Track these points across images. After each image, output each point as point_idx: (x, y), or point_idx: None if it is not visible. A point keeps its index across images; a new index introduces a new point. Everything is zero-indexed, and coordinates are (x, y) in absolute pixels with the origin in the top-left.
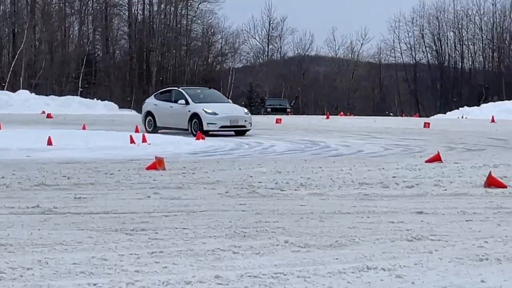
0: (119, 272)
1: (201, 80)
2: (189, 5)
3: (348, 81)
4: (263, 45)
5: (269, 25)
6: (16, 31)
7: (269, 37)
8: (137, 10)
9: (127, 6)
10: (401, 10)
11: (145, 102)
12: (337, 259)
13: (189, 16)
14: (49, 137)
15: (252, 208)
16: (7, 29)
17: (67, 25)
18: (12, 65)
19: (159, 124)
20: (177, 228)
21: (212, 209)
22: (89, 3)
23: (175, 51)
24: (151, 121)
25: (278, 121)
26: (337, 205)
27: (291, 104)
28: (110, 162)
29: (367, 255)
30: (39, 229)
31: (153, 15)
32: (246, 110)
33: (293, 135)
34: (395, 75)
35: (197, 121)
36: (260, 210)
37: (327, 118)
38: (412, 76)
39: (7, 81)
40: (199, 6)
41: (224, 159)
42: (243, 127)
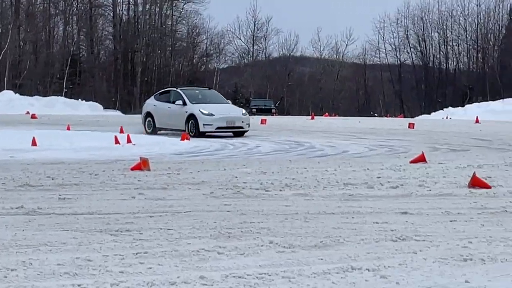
0: (103, 272)
1: (186, 80)
2: (174, 5)
3: (333, 81)
4: (248, 46)
5: (254, 26)
6: (0, 31)
7: (254, 37)
8: (121, 10)
9: (112, 6)
10: (385, 10)
11: (145, 102)
12: (321, 259)
13: (174, 16)
14: (34, 138)
15: (237, 208)
16: None
17: (51, 26)
18: None
19: (158, 125)
20: (161, 228)
21: (197, 210)
22: (74, 3)
23: (160, 51)
24: (150, 122)
25: (263, 122)
26: (322, 206)
27: (276, 104)
28: (94, 162)
29: (352, 256)
30: (23, 230)
31: (138, 15)
32: (244, 111)
33: (278, 135)
34: (379, 76)
35: (193, 122)
36: (245, 210)
37: (312, 118)
38: (396, 76)
39: None
40: (184, 6)
41: (209, 159)
42: (241, 128)
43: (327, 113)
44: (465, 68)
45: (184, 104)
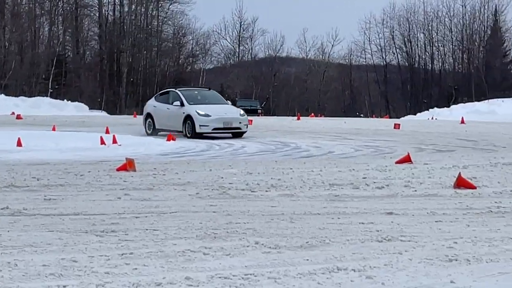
0: (89, 273)
1: (172, 81)
2: (159, 6)
3: (319, 82)
4: (234, 46)
5: (240, 26)
6: None
7: (240, 38)
8: (107, 11)
9: (98, 7)
10: (371, 11)
11: (146, 103)
12: (307, 260)
13: (160, 17)
14: (19, 138)
15: (222, 209)
16: None
17: (37, 26)
18: None
19: (157, 126)
20: (147, 229)
21: (182, 210)
22: (59, 3)
23: (145, 52)
24: (151, 123)
25: (249, 122)
26: (308, 206)
27: (262, 105)
28: (80, 163)
29: (338, 256)
30: (8, 231)
31: (123, 16)
32: (242, 111)
33: (264, 136)
34: (365, 76)
35: (190, 123)
36: (230, 211)
37: (298, 119)
38: (382, 77)
39: None
40: (170, 7)
41: (195, 160)
42: (238, 129)
43: (313, 114)
44: (450, 68)
45: (182, 105)
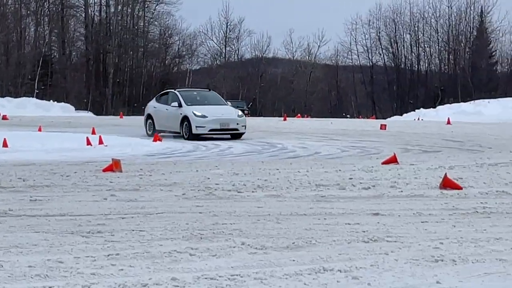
0: (75, 274)
1: (158, 81)
2: (146, 6)
3: (305, 83)
4: (220, 47)
5: (227, 27)
6: None
7: (226, 39)
8: (93, 11)
9: (84, 7)
10: (357, 12)
11: (147, 104)
12: (293, 260)
13: (146, 17)
14: (4, 139)
15: (209, 210)
16: None
17: (23, 27)
18: None
19: (157, 127)
20: (133, 230)
21: (169, 211)
22: (45, 4)
23: (132, 52)
24: (151, 125)
25: None
26: (294, 207)
27: (249, 106)
28: (66, 164)
29: (324, 257)
30: None
31: (109, 16)
32: (240, 113)
33: (250, 137)
34: (352, 77)
35: (187, 124)
36: (217, 212)
37: (285, 120)
38: (368, 78)
39: None
40: (156, 7)
41: (181, 161)
42: (235, 130)
43: (299, 115)
44: (436, 69)
45: (179, 106)
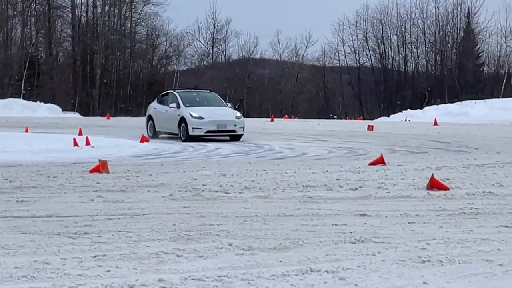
0: (61, 276)
1: (145, 82)
2: (133, 7)
3: (292, 84)
4: (207, 48)
5: (214, 28)
6: None
7: (213, 39)
8: (80, 12)
9: (71, 8)
10: (344, 13)
11: (149, 105)
12: (281, 261)
13: (133, 18)
14: None
15: (196, 211)
16: None
17: (9, 27)
18: None
19: (157, 128)
20: (120, 231)
21: (156, 212)
22: (32, 5)
23: (119, 53)
24: (152, 126)
25: None
26: (281, 208)
27: (236, 106)
28: (53, 165)
29: (311, 258)
30: None
31: (97, 17)
32: (238, 114)
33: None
34: (339, 78)
35: (184, 125)
36: (204, 213)
37: (272, 121)
38: (356, 79)
39: None
40: (143, 8)
41: (168, 162)
42: (233, 132)
43: (286, 115)
44: (423, 70)
45: (178, 107)
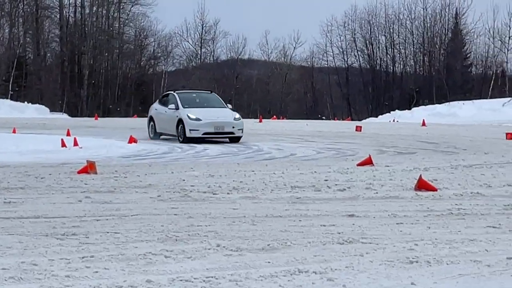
0: (49, 277)
1: (133, 83)
2: (121, 8)
3: (281, 84)
4: (196, 49)
5: (202, 29)
6: None
7: (202, 40)
8: (68, 12)
9: (59, 8)
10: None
11: (151, 106)
12: (269, 262)
13: (121, 19)
14: None
15: (184, 212)
16: None
17: None
18: None
19: (158, 130)
20: (108, 232)
21: (144, 213)
22: (20, 5)
23: (107, 54)
24: (153, 127)
25: None
26: (270, 209)
27: None
28: (41, 166)
29: (299, 259)
30: None
31: (84, 17)
32: (237, 116)
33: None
34: (327, 79)
35: (182, 127)
36: (192, 213)
37: (260, 121)
38: (344, 80)
39: None
40: (132, 9)
41: (156, 162)
42: (231, 134)
43: (275, 116)
44: (411, 71)
45: (176, 108)
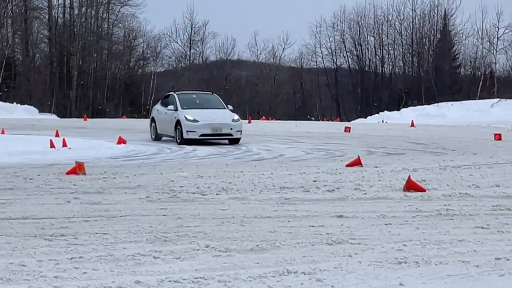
0: (37, 278)
1: (122, 84)
2: (110, 8)
3: (270, 85)
4: (185, 49)
5: (191, 29)
6: None
7: (191, 41)
8: (57, 13)
9: (47, 9)
10: (322, 15)
11: (153, 107)
12: (257, 263)
13: (110, 19)
14: None
15: (173, 212)
16: None
17: None
18: None
19: (159, 131)
20: (97, 233)
21: (132, 214)
22: (8, 6)
23: (96, 55)
24: (154, 128)
25: None
26: (258, 209)
27: None
28: (29, 167)
29: (288, 259)
30: None
31: (73, 18)
32: (236, 117)
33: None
34: (316, 80)
35: (180, 128)
36: (181, 214)
37: (249, 122)
38: (333, 80)
39: None
40: (121, 9)
41: (145, 163)
42: (229, 135)
43: (264, 117)
44: (400, 72)
45: (175, 109)
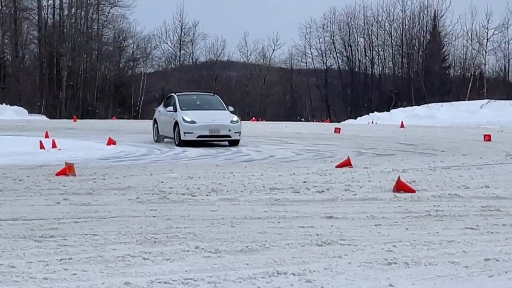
0: (27, 279)
1: (112, 85)
2: (100, 9)
3: (260, 86)
4: (175, 50)
5: (181, 30)
6: None
7: (181, 42)
8: (47, 14)
9: (37, 10)
10: (312, 16)
11: (156, 108)
12: (247, 264)
13: (100, 20)
14: None
15: (163, 213)
16: None
17: None
18: None
19: (160, 132)
20: (86, 234)
21: (122, 215)
22: None
23: (86, 55)
24: (157, 130)
25: None
26: (248, 210)
27: None
28: (19, 168)
29: (278, 260)
30: None
31: (63, 19)
32: (235, 118)
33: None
34: (306, 81)
35: (178, 129)
36: (171, 215)
37: None
38: (323, 81)
39: None
40: (110, 10)
41: (135, 164)
42: (227, 137)
43: (254, 118)
44: (390, 73)
45: (175, 110)
